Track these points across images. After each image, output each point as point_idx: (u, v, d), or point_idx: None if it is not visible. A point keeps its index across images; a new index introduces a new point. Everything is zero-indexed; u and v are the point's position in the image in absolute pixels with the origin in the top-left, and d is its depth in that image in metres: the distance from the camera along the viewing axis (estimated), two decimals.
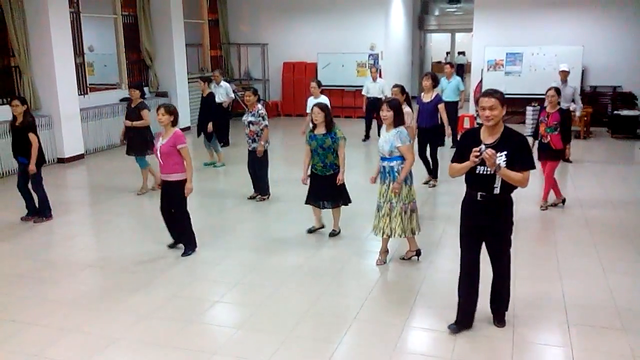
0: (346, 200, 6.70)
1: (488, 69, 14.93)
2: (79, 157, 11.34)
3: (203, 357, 4.23)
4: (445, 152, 9.97)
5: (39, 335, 4.60)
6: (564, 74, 10.71)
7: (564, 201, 7.93)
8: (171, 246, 6.42)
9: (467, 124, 13.87)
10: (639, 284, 5.44)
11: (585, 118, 13.01)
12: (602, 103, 14.14)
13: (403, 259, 5.99)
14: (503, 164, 4.04)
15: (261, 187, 8.25)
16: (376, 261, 5.93)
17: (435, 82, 8.77)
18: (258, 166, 8.13)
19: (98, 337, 4.53)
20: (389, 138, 5.61)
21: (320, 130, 6.41)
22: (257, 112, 7.90)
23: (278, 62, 17.23)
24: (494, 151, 3.96)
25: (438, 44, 25.84)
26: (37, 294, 5.34)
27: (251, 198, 8.28)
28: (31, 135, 7.13)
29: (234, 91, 16.37)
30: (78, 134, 11.35)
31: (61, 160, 11.01)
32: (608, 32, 14.14)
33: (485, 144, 4.06)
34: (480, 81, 15.19)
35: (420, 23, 21.08)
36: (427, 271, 5.75)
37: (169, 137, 5.93)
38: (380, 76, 13.17)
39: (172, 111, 5.95)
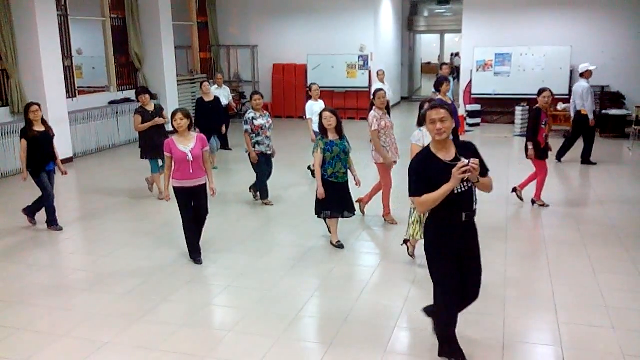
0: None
1: (477, 70, 14.99)
2: (68, 160, 11.24)
3: None
4: None
5: (29, 340, 4.57)
6: (589, 73, 10.63)
7: (516, 191, 8.04)
8: (198, 260, 6.08)
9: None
10: (628, 282, 5.48)
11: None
12: None
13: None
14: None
15: (262, 190, 8.15)
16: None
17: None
18: (259, 168, 7.98)
19: (88, 342, 4.50)
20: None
21: (333, 135, 6.19)
22: (267, 115, 7.93)
23: (268, 64, 17.22)
24: (477, 160, 3.65)
25: (428, 46, 25.90)
26: (26, 299, 5.29)
27: (266, 204, 8.12)
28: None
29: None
30: (67, 137, 11.27)
31: None
32: (596, 33, 14.23)
33: (445, 162, 3.73)
34: (470, 82, 15.26)
35: (409, 24, 21.13)
36: (417, 273, 5.76)
37: (195, 141, 5.85)
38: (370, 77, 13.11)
39: (189, 115, 5.87)
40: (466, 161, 3.61)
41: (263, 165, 7.89)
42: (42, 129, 7.00)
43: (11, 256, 6.46)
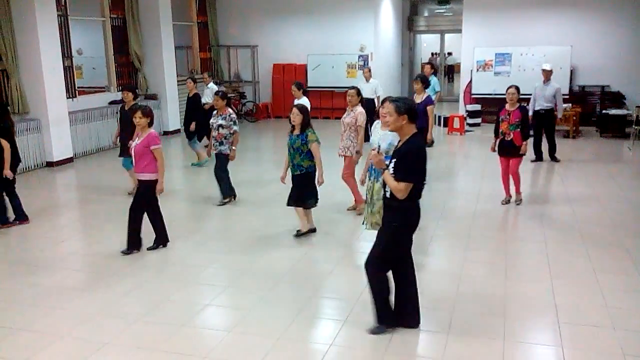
0: (310, 202, 6.72)
1: (477, 70, 14.99)
2: (68, 160, 11.27)
3: None
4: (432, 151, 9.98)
5: (29, 340, 4.56)
6: (547, 74, 10.70)
7: (508, 201, 8.01)
8: (125, 252, 6.30)
9: (457, 125, 13.94)
10: (628, 282, 5.48)
11: (574, 117, 13.09)
12: (590, 102, 14.23)
13: None
14: (391, 170, 4.17)
15: (224, 189, 8.16)
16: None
17: (425, 84, 8.81)
18: (220, 168, 8.05)
19: (88, 342, 4.49)
20: (389, 136, 5.59)
21: (296, 131, 6.52)
22: (228, 115, 7.90)
23: (268, 64, 17.21)
24: (376, 153, 4.26)
25: (429, 45, 25.92)
26: (26, 299, 5.29)
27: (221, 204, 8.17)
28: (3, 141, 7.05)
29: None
30: (67, 138, 11.27)
31: (50, 164, 10.93)
32: (596, 32, 14.24)
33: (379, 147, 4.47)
34: (470, 81, 15.25)
35: (409, 24, 21.12)
36: (417, 272, 5.74)
37: (144, 137, 6.12)
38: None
39: (148, 113, 6.17)
40: (374, 152, 4.34)
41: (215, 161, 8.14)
42: None
43: (9, 256, 6.46)
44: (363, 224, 6.18)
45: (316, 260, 6.17)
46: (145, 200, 6.30)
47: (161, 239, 6.48)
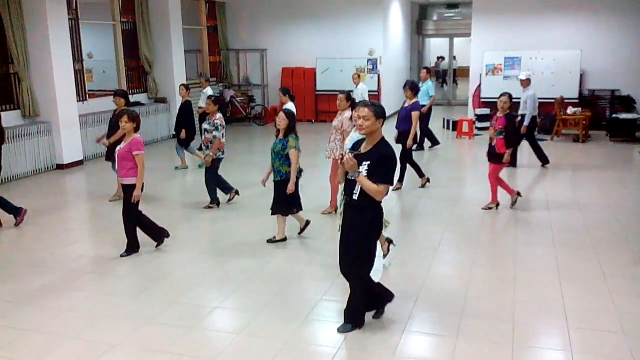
0: (290, 209, 6.71)
1: (486, 73, 14.96)
2: (78, 163, 11.34)
3: None
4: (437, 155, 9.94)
5: (38, 342, 4.59)
6: (523, 82, 10.50)
7: (497, 205, 7.96)
8: (123, 255, 6.41)
9: (465, 128, 13.91)
10: (638, 287, 5.44)
11: (584, 122, 13.04)
12: (600, 106, 14.16)
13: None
14: (364, 172, 4.21)
15: (209, 193, 8.23)
16: None
17: (415, 90, 8.93)
18: (208, 173, 8.13)
19: (96, 344, 4.51)
20: (354, 139, 5.60)
21: (280, 135, 6.55)
22: (213, 120, 7.93)
23: (277, 68, 17.25)
24: (350, 156, 4.20)
25: (439, 49, 25.88)
26: (35, 301, 5.32)
27: (208, 207, 8.25)
28: None
29: (232, 96, 16.44)
30: (77, 140, 11.34)
31: (60, 167, 11.01)
32: (606, 36, 14.18)
33: (350, 151, 4.35)
34: (479, 85, 15.22)
35: (418, 28, 21.13)
36: (425, 276, 5.74)
37: (128, 142, 6.17)
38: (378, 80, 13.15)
39: (134, 118, 6.20)
40: (348, 153, 4.25)
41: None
42: None
43: (18, 258, 6.51)
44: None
45: (325, 263, 6.17)
46: (127, 205, 6.31)
47: (132, 248, 6.44)
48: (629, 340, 4.43)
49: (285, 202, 6.62)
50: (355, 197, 4.33)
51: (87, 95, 12.24)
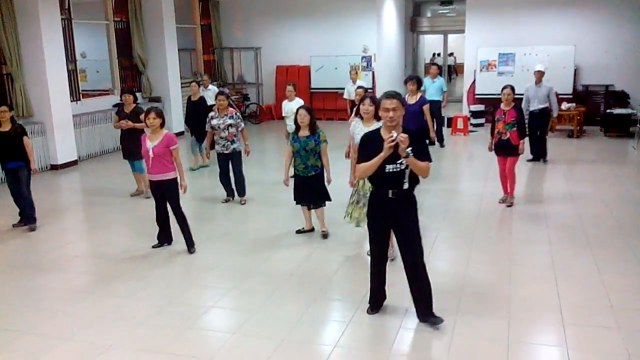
0: (326, 199, 6.82)
1: (481, 70, 14.97)
2: (73, 163, 11.31)
3: None
4: (436, 151, 9.96)
5: (33, 343, 4.57)
6: (539, 74, 10.62)
7: (506, 199, 8.01)
8: (155, 246, 6.58)
9: (460, 125, 13.92)
10: (633, 283, 5.45)
11: (579, 117, 13.06)
12: (594, 102, 14.19)
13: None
14: (411, 154, 4.22)
15: (243, 188, 8.34)
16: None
17: (419, 85, 8.94)
18: (239, 166, 8.25)
19: (92, 345, 4.50)
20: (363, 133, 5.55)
21: (304, 132, 6.51)
22: (235, 114, 8.06)
23: (271, 66, 17.24)
24: (407, 135, 4.10)
25: (432, 45, 25.90)
26: (30, 302, 5.31)
27: (226, 201, 8.40)
28: (26, 140, 7.23)
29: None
30: (71, 141, 11.32)
31: (54, 167, 10.98)
32: (600, 32, 14.19)
33: (384, 138, 4.23)
34: (473, 82, 15.23)
35: (412, 25, 21.11)
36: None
37: (161, 138, 6.22)
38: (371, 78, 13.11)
39: (161, 114, 6.32)
40: (395, 134, 4.08)
41: (220, 162, 8.24)
42: (7, 128, 7.12)
43: (14, 259, 6.48)
44: (345, 217, 6.27)
45: (320, 261, 6.17)
46: (172, 200, 6.37)
47: (192, 241, 6.54)
48: (624, 336, 4.45)
49: (324, 192, 6.74)
50: (405, 186, 4.36)
51: (81, 96, 12.20)
